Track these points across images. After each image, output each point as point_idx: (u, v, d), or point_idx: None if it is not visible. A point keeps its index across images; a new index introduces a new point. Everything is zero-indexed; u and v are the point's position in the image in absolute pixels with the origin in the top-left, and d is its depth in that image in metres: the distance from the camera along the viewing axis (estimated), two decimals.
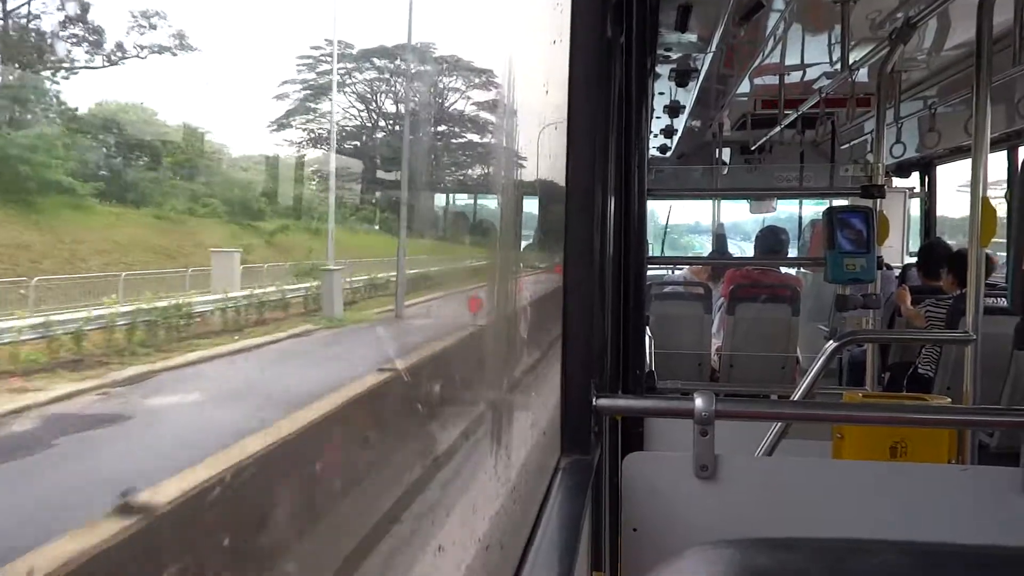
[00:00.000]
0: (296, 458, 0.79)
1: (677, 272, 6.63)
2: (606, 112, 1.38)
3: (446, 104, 1.36)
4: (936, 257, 4.91)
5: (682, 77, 4.30)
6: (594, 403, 1.37)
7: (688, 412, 1.44)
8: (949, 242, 5.67)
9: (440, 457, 1.16)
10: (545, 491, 1.21)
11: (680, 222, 13.27)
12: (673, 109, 5.29)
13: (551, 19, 1.36)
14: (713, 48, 3.70)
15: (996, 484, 1.44)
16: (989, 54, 2.56)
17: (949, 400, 2.93)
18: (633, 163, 2.27)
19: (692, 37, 3.53)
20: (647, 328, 3.36)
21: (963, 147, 5.19)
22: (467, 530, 1.03)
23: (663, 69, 4.22)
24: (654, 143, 6.61)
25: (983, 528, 1.41)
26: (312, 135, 1.00)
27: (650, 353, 3.99)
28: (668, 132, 6.21)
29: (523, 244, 1.65)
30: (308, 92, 0.97)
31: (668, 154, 7.25)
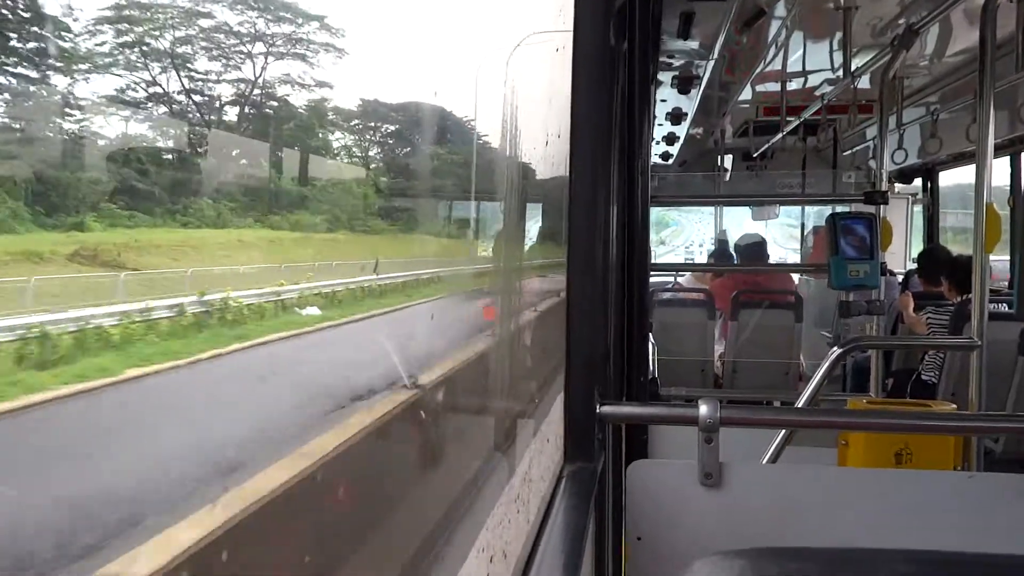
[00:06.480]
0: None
1: (679, 279, 6.61)
2: (609, 120, 1.38)
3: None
4: (936, 262, 4.90)
5: (684, 84, 4.30)
6: (598, 410, 1.36)
7: (692, 419, 1.43)
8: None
9: (444, 466, 1.16)
10: (549, 500, 1.21)
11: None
12: (675, 116, 5.29)
13: (553, 27, 1.36)
14: (715, 55, 3.70)
15: (1002, 491, 1.43)
16: (992, 60, 2.56)
17: (954, 406, 2.92)
18: (636, 170, 2.27)
19: (694, 44, 3.53)
20: (650, 335, 3.34)
21: (966, 153, 5.19)
22: (470, 540, 1.03)
23: (665, 76, 4.22)
24: (656, 150, 6.61)
25: (989, 536, 1.40)
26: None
27: (653, 360, 3.98)
28: (670, 139, 6.21)
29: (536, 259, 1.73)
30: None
31: (670, 161, 7.25)
